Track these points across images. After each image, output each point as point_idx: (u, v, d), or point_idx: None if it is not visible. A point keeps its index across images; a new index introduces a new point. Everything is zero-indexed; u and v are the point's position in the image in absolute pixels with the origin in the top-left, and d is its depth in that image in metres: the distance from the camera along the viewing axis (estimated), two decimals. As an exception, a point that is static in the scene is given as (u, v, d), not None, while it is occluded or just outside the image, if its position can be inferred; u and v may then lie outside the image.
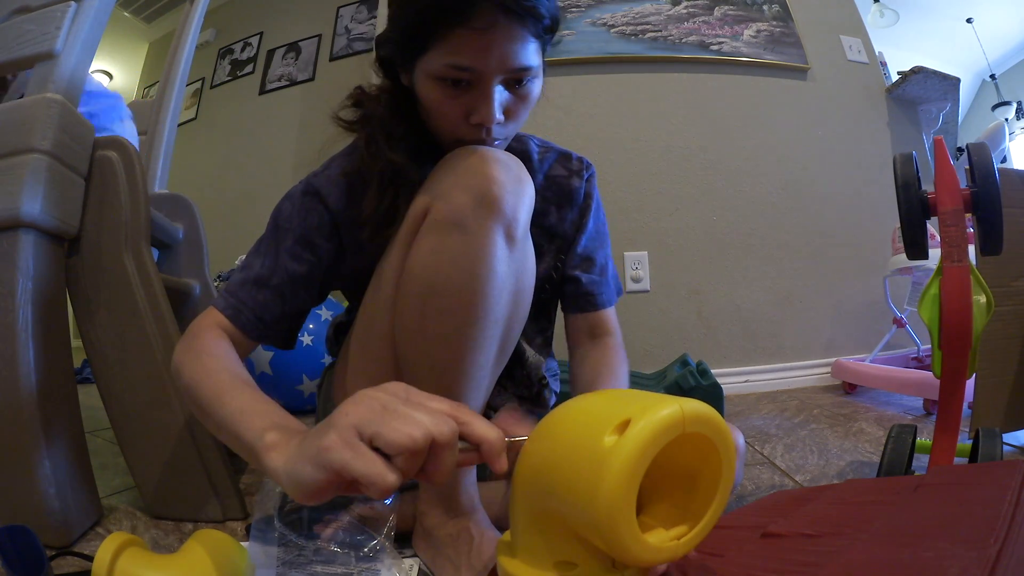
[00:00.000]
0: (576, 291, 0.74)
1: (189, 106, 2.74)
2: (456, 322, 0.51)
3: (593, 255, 0.75)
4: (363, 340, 0.62)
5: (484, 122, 0.55)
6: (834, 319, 1.84)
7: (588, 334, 0.74)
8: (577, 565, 0.30)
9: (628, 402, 0.27)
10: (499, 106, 0.54)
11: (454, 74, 0.53)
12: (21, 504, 0.62)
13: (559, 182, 0.74)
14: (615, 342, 0.73)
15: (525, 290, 0.58)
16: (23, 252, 0.63)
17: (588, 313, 0.74)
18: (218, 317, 0.58)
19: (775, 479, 0.86)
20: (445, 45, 0.52)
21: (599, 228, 0.77)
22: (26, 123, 0.65)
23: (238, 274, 0.61)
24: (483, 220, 0.50)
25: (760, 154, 1.85)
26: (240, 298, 0.59)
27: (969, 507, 0.36)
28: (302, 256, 0.60)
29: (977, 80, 3.68)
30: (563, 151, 0.76)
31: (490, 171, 0.51)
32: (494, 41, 0.51)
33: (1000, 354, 0.90)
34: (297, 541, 0.54)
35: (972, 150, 0.68)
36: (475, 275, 0.50)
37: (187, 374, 0.51)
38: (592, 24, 1.87)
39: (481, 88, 0.54)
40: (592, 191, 0.76)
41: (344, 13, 2.52)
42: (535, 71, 0.55)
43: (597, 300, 0.74)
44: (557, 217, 0.73)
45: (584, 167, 0.75)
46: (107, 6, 0.77)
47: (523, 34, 0.52)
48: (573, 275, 0.74)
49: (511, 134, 0.62)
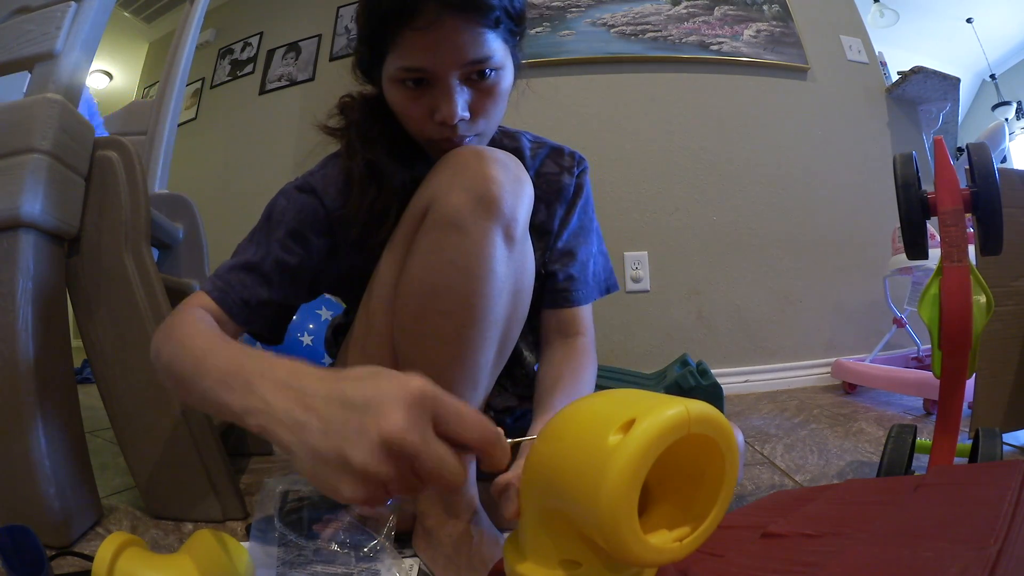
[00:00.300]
0: (552, 287, 0.72)
1: (189, 106, 2.74)
2: (455, 323, 0.51)
3: (574, 250, 0.73)
4: (362, 341, 0.62)
5: (446, 120, 0.55)
6: (834, 319, 1.84)
7: (558, 331, 0.72)
8: (582, 564, 0.30)
9: (634, 402, 0.28)
10: (462, 103, 0.55)
11: (409, 75, 0.54)
12: (21, 504, 0.62)
13: (550, 179, 0.73)
14: (585, 342, 0.71)
15: (524, 290, 0.58)
16: (23, 252, 0.63)
17: (561, 309, 0.71)
18: (203, 300, 0.57)
19: (775, 479, 0.86)
20: (397, 49, 0.53)
21: (584, 224, 0.75)
22: (26, 123, 0.64)
23: (228, 261, 0.61)
24: (482, 220, 0.50)
25: (760, 154, 1.85)
26: (227, 280, 0.59)
27: (969, 507, 0.36)
28: (293, 249, 0.61)
29: (977, 80, 3.68)
30: (555, 146, 0.75)
31: (489, 171, 0.51)
32: (441, 38, 0.51)
33: (1000, 354, 0.90)
34: (297, 541, 0.54)
35: (972, 150, 0.67)
36: (474, 275, 0.50)
37: (165, 354, 0.48)
38: (592, 24, 1.87)
39: (440, 87, 0.54)
40: (583, 185, 0.74)
41: (344, 13, 2.52)
42: (494, 62, 0.54)
43: (571, 296, 0.71)
44: (546, 214, 0.73)
45: (576, 162, 0.74)
46: (107, 6, 0.77)
47: (472, 27, 0.52)
48: (551, 270, 0.72)
49: (486, 131, 0.61)
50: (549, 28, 1.85)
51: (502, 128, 0.75)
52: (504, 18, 0.54)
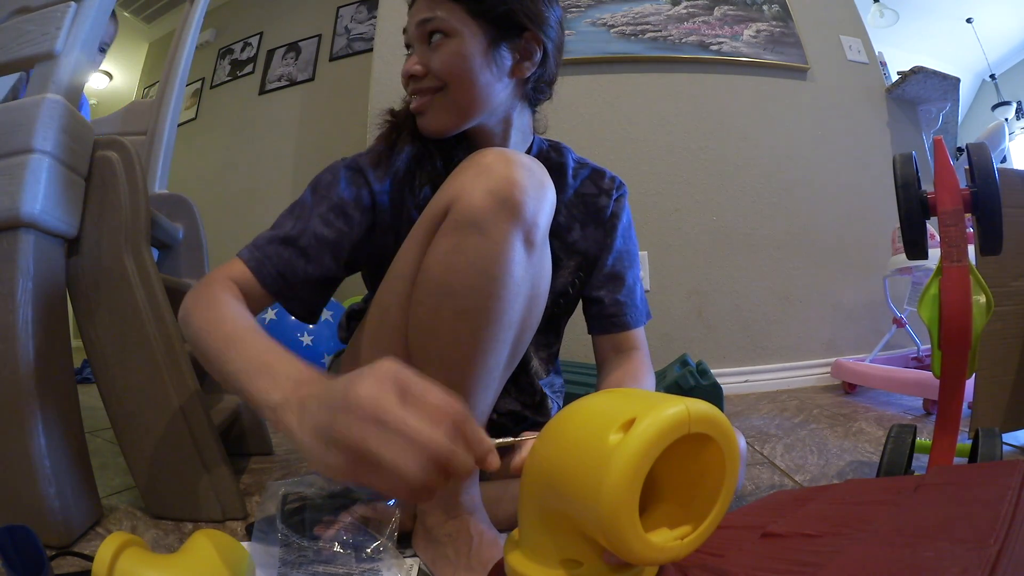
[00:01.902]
0: (600, 312, 0.74)
1: (189, 106, 2.75)
2: (470, 324, 0.51)
3: (622, 274, 0.75)
4: (375, 331, 0.62)
5: (403, 72, 0.64)
6: (834, 319, 1.84)
7: (614, 350, 0.74)
8: (583, 564, 0.30)
9: (634, 401, 0.28)
10: (414, 59, 0.63)
11: (405, 40, 0.66)
12: (21, 504, 0.62)
13: (587, 200, 0.74)
14: (641, 355, 0.73)
15: (540, 296, 0.58)
16: (23, 252, 0.63)
17: (613, 335, 0.74)
18: (237, 268, 0.59)
19: (775, 479, 0.86)
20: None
21: (629, 248, 0.76)
22: (26, 123, 0.64)
23: (268, 231, 0.63)
24: (503, 223, 0.50)
25: (760, 154, 1.85)
26: (266, 252, 0.60)
27: (969, 507, 0.36)
28: (333, 223, 0.62)
29: (977, 80, 3.68)
30: (597, 168, 0.77)
31: (513, 174, 0.51)
32: (413, 8, 0.64)
33: (1000, 354, 0.90)
34: (299, 541, 0.54)
35: (972, 150, 0.68)
36: (492, 278, 0.50)
37: (195, 323, 0.52)
38: (592, 24, 1.87)
39: (412, 49, 0.65)
40: (621, 211, 0.76)
41: (344, 13, 2.52)
42: (435, 23, 0.61)
43: (621, 321, 0.73)
44: (580, 234, 0.74)
45: (616, 186, 0.76)
46: (107, 6, 0.77)
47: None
48: (597, 296, 0.74)
49: (451, 99, 0.63)
50: (549, 28, 1.85)
51: (551, 142, 0.77)
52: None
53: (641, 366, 0.71)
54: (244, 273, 0.59)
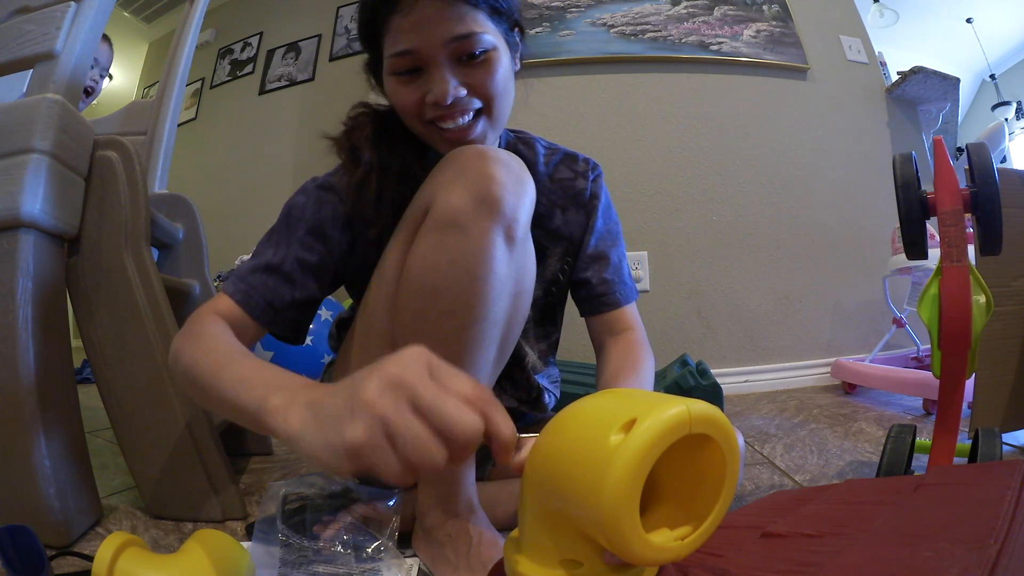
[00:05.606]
0: (589, 293, 0.73)
1: (189, 106, 2.74)
2: (455, 323, 0.51)
3: (606, 252, 0.74)
4: (363, 338, 0.62)
5: (439, 100, 0.56)
6: (834, 319, 1.84)
7: (609, 332, 0.72)
8: (583, 564, 0.30)
9: (635, 402, 0.28)
10: (454, 82, 0.56)
11: (400, 64, 0.56)
12: (21, 504, 0.62)
13: (564, 184, 0.74)
14: (637, 336, 0.71)
15: (525, 291, 0.58)
16: (23, 252, 0.63)
17: (604, 314, 0.72)
18: (223, 303, 0.58)
19: (775, 479, 0.86)
20: (387, 39, 0.56)
21: (610, 227, 0.76)
22: (26, 123, 0.65)
23: (249, 261, 0.62)
24: (483, 220, 0.50)
25: (760, 154, 1.85)
26: (250, 283, 0.59)
27: (969, 507, 0.36)
28: (313, 246, 0.62)
29: (977, 80, 3.68)
30: (569, 152, 0.76)
31: (491, 171, 0.51)
32: (423, 19, 0.54)
33: (1000, 354, 0.90)
34: (299, 541, 0.54)
35: (972, 150, 0.68)
36: (475, 276, 0.50)
37: (185, 358, 0.50)
38: (592, 24, 1.87)
39: (431, 70, 0.56)
40: (599, 191, 0.75)
41: (344, 13, 2.52)
42: (481, 39, 0.55)
43: (611, 299, 0.72)
44: (562, 219, 0.73)
45: (590, 168, 0.75)
46: (107, 6, 0.77)
47: (455, 6, 0.54)
48: (584, 277, 0.73)
49: (496, 118, 0.60)
50: (549, 28, 1.85)
51: (519, 135, 0.76)
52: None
53: (638, 349, 0.69)
54: (231, 307, 0.58)
